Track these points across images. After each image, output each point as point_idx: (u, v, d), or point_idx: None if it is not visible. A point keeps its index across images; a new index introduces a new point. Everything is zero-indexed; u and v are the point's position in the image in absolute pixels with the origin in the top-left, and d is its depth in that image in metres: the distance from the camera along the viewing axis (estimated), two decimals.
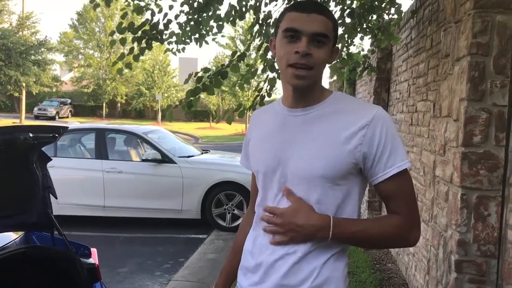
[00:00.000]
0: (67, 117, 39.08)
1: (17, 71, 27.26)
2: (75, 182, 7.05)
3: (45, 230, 2.68)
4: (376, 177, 1.34)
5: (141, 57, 4.57)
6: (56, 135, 2.36)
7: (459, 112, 2.50)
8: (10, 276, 2.55)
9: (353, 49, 7.02)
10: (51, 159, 2.63)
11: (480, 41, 2.38)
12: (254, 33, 3.95)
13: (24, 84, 28.46)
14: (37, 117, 36.03)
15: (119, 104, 44.15)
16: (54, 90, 38.07)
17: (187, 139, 16.54)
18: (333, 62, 1.47)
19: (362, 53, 6.25)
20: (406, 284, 4.37)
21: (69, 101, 41.88)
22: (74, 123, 9.41)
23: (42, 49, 29.70)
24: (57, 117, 37.31)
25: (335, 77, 9.88)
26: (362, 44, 15.60)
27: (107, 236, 6.55)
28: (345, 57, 4.72)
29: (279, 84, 4.06)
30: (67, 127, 2.50)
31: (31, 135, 2.16)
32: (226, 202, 6.83)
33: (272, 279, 1.38)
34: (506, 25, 2.35)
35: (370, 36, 4.96)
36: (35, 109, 37.54)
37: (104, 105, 43.06)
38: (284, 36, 1.33)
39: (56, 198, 2.68)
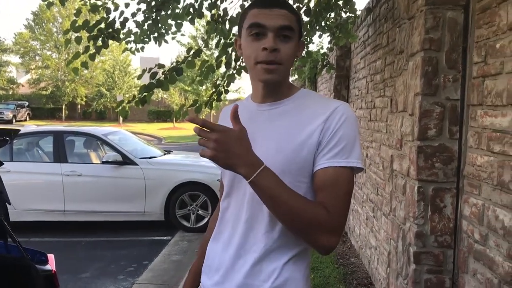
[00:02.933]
0: (25, 120, 37.90)
1: None
2: (33, 186, 6.83)
3: None
4: (316, 164, 1.29)
5: (101, 58, 4.50)
6: (7, 138, 2.27)
7: (414, 106, 2.56)
8: None
9: (312, 47, 7.09)
10: (3, 164, 2.52)
11: (432, 37, 2.43)
12: (210, 30, 3.92)
13: None
14: None
15: (79, 106, 43.15)
16: (10, 92, 36.87)
17: (149, 140, 16.33)
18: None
19: (321, 51, 6.30)
20: (369, 277, 4.44)
21: (26, 103, 40.55)
22: (31, 126, 9.12)
23: None
24: (14, 120, 36.10)
25: (296, 76, 9.95)
26: (321, 43, 15.76)
27: (68, 241, 6.38)
28: (304, 55, 4.76)
29: (236, 81, 4.07)
30: (18, 130, 2.41)
31: None
32: (190, 202, 6.77)
33: (233, 278, 1.36)
34: (456, 21, 2.41)
35: (328, 34, 5.01)
36: None
37: (63, 107, 41.97)
38: (249, 33, 1.32)
39: (9, 203, 2.58)
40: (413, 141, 2.56)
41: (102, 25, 4.31)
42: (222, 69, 4.36)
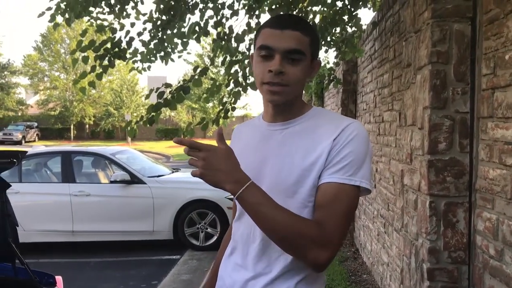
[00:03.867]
0: (34, 141, 38.18)
1: None
2: (42, 207, 6.83)
3: (5, 260, 2.55)
4: (319, 180, 1.27)
5: (109, 77, 4.53)
6: (14, 160, 2.26)
7: (423, 120, 2.52)
8: None
9: None
10: (10, 185, 2.51)
11: (439, 50, 2.41)
12: (216, 48, 3.94)
13: None
14: (2, 142, 35.03)
15: (87, 126, 43.46)
16: (19, 114, 37.21)
17: (158, 158, 16.35)
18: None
19: (327, 66, 6.30)
20: None
21: (35, 124, 40.92)
22: (39, 147, 9.16)
23: (5, 73, 29.06)
24: (23, 141, 36.38)
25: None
26: (327, 58, 15.82)
27: (77, 262, 6.35)
28: None
29: (243, 98, 4.07)
30: (25, 152, 2.41)
31: None
32: (198, 221, 6.73)
33: None
34: (463, 33, 2.39)
35: (334, 49, 5.01)
36: (0, 134, 36.53)
37: (72, 127, 42.29)
38: (258, 54, 1.32)
39: (18, 226, 2.57)
40: (423, 155, 2.52)
41: (108, 45, 4.34)
42: (229, 86, 4.37)
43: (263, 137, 1.39)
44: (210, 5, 4.19)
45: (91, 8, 4.41)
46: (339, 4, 4.50)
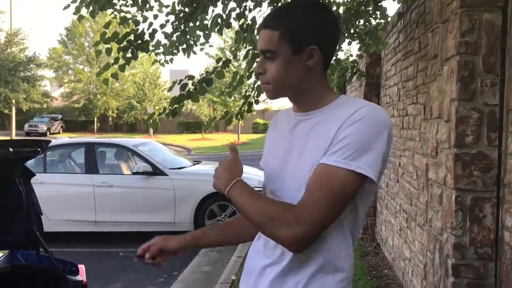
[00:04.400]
0: (58, 132, 38.85)
1: (6, 88, 27.12)
2: (66, 197, 6.95)
3: (30, 248, 2.59)
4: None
5: (132, 70, 4.55)
6: (39, 149, 2.29)
7: (450, 112, 2.46)
8: None
9: (341, 55, 7.01)
10: (35, 175, 2.55)
11: (468, 40, 2.34)
12: (239, 40, 3.91)
13: (13, 101, 28.28)
14: (28, 134, 35.75)
15: (110, 118, 43.99)
16: (44, 106, 37.86)
17: (179, 151, 16.46)
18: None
19: (350, 58, 6.23)
20: None
21: (60, 116, 41.63)
22: (63, 138, 9.31)
23: (31, 66, 29.59)
24: (48, 133, 37.05)
25: None
26: (350, 50, 15.69)
27: (99, 252, 6.45)
28: (333, 63, 4.70)
29: None
30: (49, 141, 2.43)
31: (11, 150, 2.08)
32: (219, 213, 6.76)
33: (261, 285, 1.36)
34: (493, 23, 2.32)
35: (358, 41, 4.94)
36: (26, 125, 37.26)
37: (95, 119, 42.87)
38: None
39: (42, 214, 2.61)
40: (450, 149, 2.46)
41: (132, 37, 4.35)
42: (251, 79, 4.35)
43: (292, 126, 1.39)
44: None
45: (115, 1, 4.43)
46: None
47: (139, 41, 4.36)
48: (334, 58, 4.87)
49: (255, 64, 3.97)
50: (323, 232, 1.25)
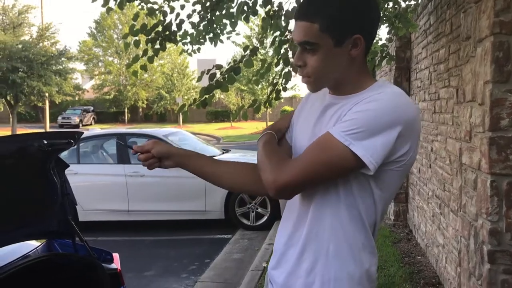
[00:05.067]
0: (91, 124, 39.66)
1: (40, 81, 27.72)
2: (99, 188, 7.10)
3: (66, 237, 2.66)
4: None
5: (160, 61, 4.58)
6: (72, 141, 2.33)
7: (484, 95, 2.39)
8: (33, 284, 2.54)
9: None
10: (69, 166, 2.60)
11: (503, 20, 2.26)
12: (265, 27, 3.88)
13: (47, 94, 28.94)
14: (61, 126, 36.66)
15: (140, 109, 44.60)
16: (76, 98, 38.61)
17: (208, 140, 16.58)
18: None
19: (380, 42, 6.11)
20: (437, 277, 4.25)
21: (91, 108, 42.49)
22: (95, 129, 9.50)
23: (63, 59, 30.12)
24: (80, 125, 37.89)
25: None
26: (379, 34, 15.35)
27: (133, 240, 6.58)
28: None
29: (292, 79, 4.03)
30: (82, 133, 2.48)
31: (45, 142, 2.13)
32: (249, 201, 6.78)
33: (284, 266, 1.37)
34: None
35: (387, 24, 4.84)
36: (59, 118, 38.22)
37: (126, 110, 43.55)
38: None
39: (76, 204, 2.67)
40: (484, 132, 2.39)
41: (159, 28, 4.38)
42: (279, 66, 4.31)
43: (324, 107, 1.35)
44: None
45: None
46: None
47: (167, 32, 4.38)
48: None
49: (282, 51, 3.94)
50: (336, 217, 1.27)
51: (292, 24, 4.21)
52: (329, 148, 1.19)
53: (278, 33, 3.89)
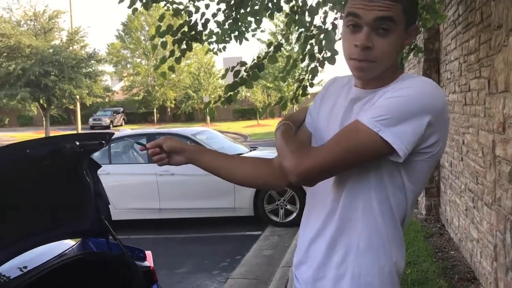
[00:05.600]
0: (121, 125, 40.35)
1: (70, 84, 28.35)
2: (131, 187, 7.22)
3: (100, 236, 2.72)
4: None
5: (187, 61, 4.62)
6: (103, 141, 2.38)
7: None
8: (69, 281, 2.61)
9: None
10: (101, 166, 2.67)
11: None
12: (290, 23, 3.86)
13: (78, 97, 29.59)
14: (92, 128, 37.43)
15: (169, 109, 45.12)
16: (106, 100, 39.36)
17: (235, 138, 16.62)
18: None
19: None
20: (472, 272, 4.16)
21: (121, 109, 43.23)
22: (126, 130, 9.66)
23: (92, 62, 30.71)
24: (111, 126, 38.60)
25: None
26: None
27: (164, 238, 6.68)
28: None
29: (323, 74, 4.01)
30: (113, 133, 2.53)
31: (77, 143, 2.19)
32: (278, 197, 6.79)
33: (310, 260, 1.36)
34: None
35: None
36: (90, 119, 39.04)
37: (154, 111, 44.13)
38: (346, 24, 1.23)
39: (109, 204, 2.73)
40: None
41: (185, 28, 4.42)
42: (305, 62, 4.30)
43: (351, 100, 1.32)
44: None
45: None
46: None
47: (193, 32, 4.42)
48: None
49: (308, 46, 3.92)
50: (368, 210, 1.25)
51: (317, 19, 4.17)
52: (357, 134, 1.17)
53: (303, 29, 3.87)
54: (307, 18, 3.74)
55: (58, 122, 42.01)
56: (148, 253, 2.78)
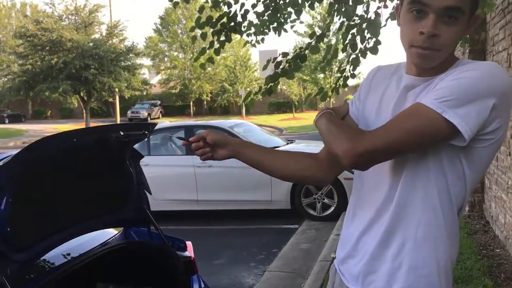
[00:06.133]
0: (158, 118, 40.98)
1: (110, 77, 29.01)
2: (169, 178, 7.31)
3: (142, 226, 2.76)
4: None
5: (223, 54, 4.60)
6: (146, 132, 2.40)
7: None
8: (112, 269, 2.66)
9: None
10: (143, 156, 2.69)
11: None
12: (333, 12, 3.79)
13: (117, 90, 30.23)
14: (130, 120, 38.16)
15: (205, 102, 45.51)
16: (144, 93, 40.05)
17: (271, 131, 16.60)
18: None
19: None
20: None
21: (159, 102, 43.90)
22: (164, 122, 9.79)
23: (131, 55, 31.31)
24: (149, 118, 39.25)
25: None
26: None
27: (201, 229, 6.73)
28: None
29: (361, 66, 3.93)
30: (155, 124, 2.55)
31: (122, 133, 2.21)
32: (315, 191, 6.73)
33: (360, 253, 1.31)
34: None
35: None
36: (129, 112, 39.82)
37: (191, 104, 44.61)
38: (409, 10, 1.17)
39: (150, 193, 2.76)
40: None
41: (225, 20, 4.41)
42: (344, 53, 4.21)
43: (404, 88, 1.27)
44: None
45: None
46: None
47: (232, 23, 4.41)
48: None
49: (349, 36, 3.84)
50: (427, 200, 1.20)
51: (359, 9, 4.08)
52: (419, 116, 1.12)
53: (345, 18, 3.79)
54: (350, 7, 3.66)
55: (98, 114, 43.05)
56: (189, 244, 2.79)
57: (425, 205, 1.21)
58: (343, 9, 3.65)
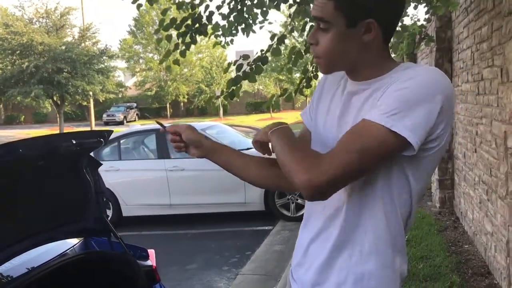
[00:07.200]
0: (134, 120, 40.55)
1: (83, 81, 28.52)
2: (141, 183, 7.20)
3: (102, 235, 2.69)
4: None
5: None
6: (101, 139, 2.34)
7: None
8: (71, 281, 2.58)
9: (407, 20, 6.61)
10: (101, 164, 2.62)
11: None
12: (295, 14, 3.77)
13: (91, 93, 29.75)
14: (106, 123, 37.66)
15: (182, 104, 45.22)
16: (119, 96, 39.53)
17: (248, 132, 16.58)
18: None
19: (418, 23, 5.87)
20: (486, 266, 4.06)
21: (134, 105, 43.44)
22: (135, 125, 9.67)
23: (104, 58, 30.84)
24: (125, 121, 38.79)
25: (392, 53, 9.43)
26: (416, 14, 14.75)
27: (175, 234, 6.66)
28: (399, 29, 4.43)
29: None
30: (111, 131, 2.48)
31: (73, 142, 2.14)
32: (288, 192, 6.72)
33: (309, 262, 1.31)
34: None
35: (424, 4, 4.63)
36: (104, 115, 39.28)
37: (168, 105, 44.25)
38: None
39: (110, 202, 2.69)
40: None
41: (189, 21, 4.36)
42: (308, 52, 4.20)
43: (347, 94, 1.27)
44: None
45: None
46: None
47: (197, 25, 4.36)
48: (400, 24, 4.59)
49: None
50: (374, 213, 1.19)
51: None
52: (369, 134, 1.10)
53: (307, 19, 3.78)
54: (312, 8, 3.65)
55: (72, 118, 42.38)
56: (151, 252, 2.74)
57: (372, 218, 1.20)
58: (304, 10, 3.63)
